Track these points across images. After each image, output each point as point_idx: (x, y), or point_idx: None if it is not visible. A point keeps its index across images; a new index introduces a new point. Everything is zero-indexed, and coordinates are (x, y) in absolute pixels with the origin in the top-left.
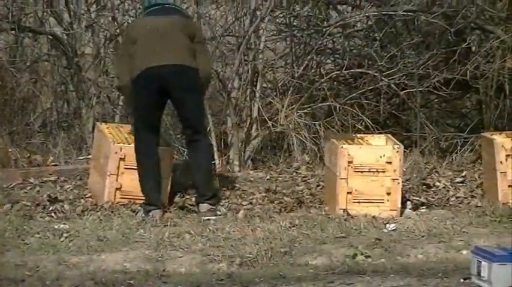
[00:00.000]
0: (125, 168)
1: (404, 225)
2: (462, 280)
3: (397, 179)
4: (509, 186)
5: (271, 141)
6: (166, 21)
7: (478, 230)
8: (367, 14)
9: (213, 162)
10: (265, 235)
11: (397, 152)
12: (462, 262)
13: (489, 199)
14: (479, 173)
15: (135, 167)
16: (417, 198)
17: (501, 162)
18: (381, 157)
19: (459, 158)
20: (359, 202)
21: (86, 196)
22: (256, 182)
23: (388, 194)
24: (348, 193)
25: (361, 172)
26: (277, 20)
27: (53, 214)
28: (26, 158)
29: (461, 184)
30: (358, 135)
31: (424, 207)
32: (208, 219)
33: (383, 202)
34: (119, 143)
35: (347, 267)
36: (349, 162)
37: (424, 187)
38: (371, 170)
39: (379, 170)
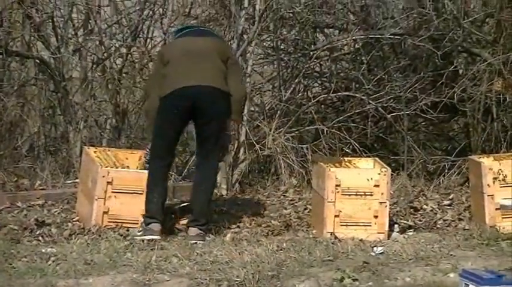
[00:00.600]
0: (113, 192)
1: (392, 248)
2: None
3: (385, 202)
4: (497, 209)
5: (259, 165)
6: (201, 42)
7: (466, 253)
8: (354, 38)
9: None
10: (253, 259)
11: (385, 175)
12: (450, 285)
13: (476, 222)
14: (467, 196)
15: (123, 191)
16: (404, 221)
17: (488, 185)
18: (368, 180)
19: (446, 181)
20: (346, 225)
21: (74, 220)
22: (244, 205)
23: (376, 217)
24: (336, 216)
25: (349, 195)
26: (265, 44)
27: (40, 238)
28: (14, 182)
29: (448, 207)
30: (346, 158)
31: (411, 230)
32: (196, 243)
33: (370, 225)
34: (106, 167)
35: None
36: (337, 185)
37: (411, 210)
38: (358, 193)
39: (367, 193)
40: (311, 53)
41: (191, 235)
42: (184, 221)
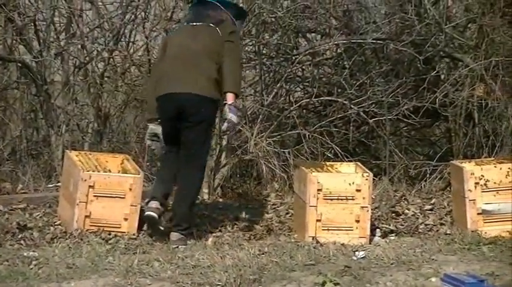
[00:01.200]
0: (94, 195)
1: (374, 252)
2: None
3: (366, 207)
4: (478, 214)
5: (241, 169)
6: (197, 39)
7: (447, 257)
8: (336, 42)
9: (198, 197)
10: (235, 263)
11: (366, 179)
12: None
13: (458, 227)
14: (449, 200)
15: (105, 195)
16: (386, 225)
17: (470, 190)
18: (350, 184)
19: (428, 186)
20: (328, 230)
21: (55, 224)
22: (226, 209)
23: (357, 221)
24: (317, 220)
25: (331, 199)
26: (247, 48)
27: (22, 242)
28: None
29: (430, 212)
30: (328, 163)
31: (393, 234)
32: (177, 247)
33: (352, 230)
34: (88, 171)
35: None
36: (319, 190)
37: (393, 214)
38: (340, 197)
39: (349, 197)
40: (293, 57)
41: (173, 239)
42: (166, 225)
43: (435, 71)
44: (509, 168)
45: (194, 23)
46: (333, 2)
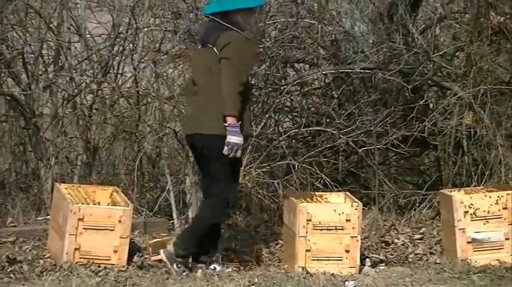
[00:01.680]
0: (84, 228)
1: (364, 282)
2: None
3: (356, 237)
4: (468, 242)
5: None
6: (199, 74)
7: (437, 286)
8: (324, 72)
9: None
10: None
11: (356, 209)
12: None
13: (448, 256)
14: (438, 229)
15: (94, 227)
16: (376, 255)
17: (459, 219)
18: (339, 214)
19: (418, 215)
20: (318, 260)
21: (45, 257)
22: None
23: (347, 251)
24: (307, 250)
25: (320, 229)
26: None
27: (11, 275)
28: None
29: (420, 241)
30: (317, 193)
31: (383, 264)
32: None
33: (342, 260)
34: (77, 204)
35: None
36: (308, 220)
37: (382, 244)
38: (330, 227)
39: (338, 227)
40: (282, 87)
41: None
42: (155, 257)
43: (423, 100)
44: (498, 196)
45: (199, 47)
46: (321, 32)
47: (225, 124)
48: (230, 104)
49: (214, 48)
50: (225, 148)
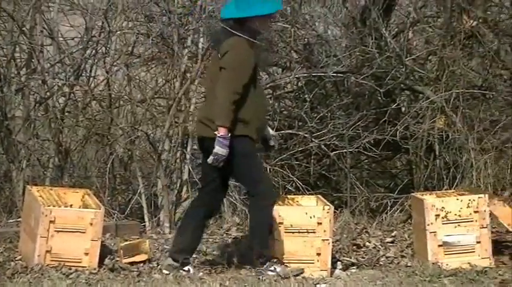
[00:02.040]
0: (55, 230)
1: (335, 285)
2: None
3: (328, 240)
4: (439, 246)
5: None
6: (209, 76)
7: None
8: (297, 76)
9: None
10: None
11: (328, 212)
12: None
13: (419, 259)
14: (409, 233)
15: (65, 230)
16: (347, 258)
17: (431, 222)
18: (311, 217)
19: (389, 218)
20: (289, 263)
21: (16, 259)
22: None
23: (319, 254)
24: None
25: (292, 232)
26: None
27: None
28: None
29: (391, 244)
30: (289, 196)
31: (354, 267)
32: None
33: (313, 263)
34: (49, 206)
35: None
36: (280, 223)
37: (354, 247)
38: (301, 231)
39: (310, 230)
40: None
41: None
42: (127, 260)
43: (396, 104)
44: (469, 200)
45: (213, 50)
46: (294, 36)
47: (215, 132)
48: (222, 115)
49: (219, 55)
50: (211, 157)
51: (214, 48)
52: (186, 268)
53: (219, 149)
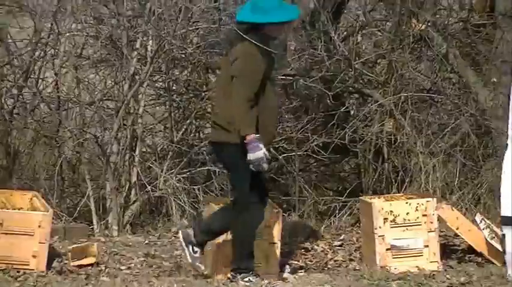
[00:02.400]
0: (3, 233)
1: None
2: None
3: (276, 243)
4: (387, 249)
5: (150, 206)
6: (218, 81)
7: None
8: None
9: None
10: None
11: (276, 215)
12: None
13: (367, 263)
14: (358, 236)
15: (13, 232)
16: (295, 262)
17: (379, 226)
18: None
19: (338, 222)
20: None
21: None
22: (135, 246)
23: (267, 257)
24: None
25: None
26: (157, 85)
27: None
28: None
29: (339, 248)
30: None
31: (302, 271)
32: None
33: (261, 266)
34: None
35: None
36: None
37: (302, 250)
38: None
39: (258, 233)
40: (203, 93)
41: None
42: (75, 263)
43: (345, 107)
44: (418, 204)
45: (225, 55)
46: None
47: (245, 141)
48: (242, 124)
49: (230, 58)
50: (250, 165)
51: (226, 51)
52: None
53: (253, 155)
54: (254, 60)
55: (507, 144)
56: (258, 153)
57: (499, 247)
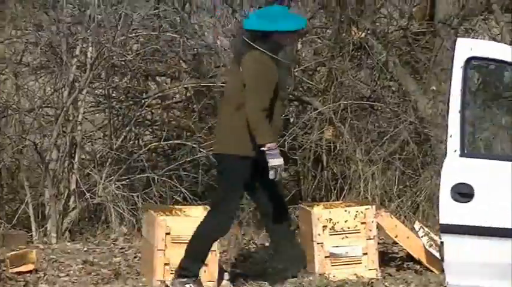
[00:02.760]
0: None
1: None
2: None
3: (215, 251)
4: (326, 257)
5: (89, 213)
6: (226, 90)
7: None
8: (185, 86)
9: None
10: None
11: None
12: None
13: (306, 270)
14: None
15: None
16: (234, 269)
17: (319, 233)
18: None
19: None
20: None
21: None
22: (74, 253)
23: (206, 265)
24: (166, 264)
25: (179, 243)
26: (96, 92)
27: None
28: None
29: None
30: (176, 206)
31: (241, 278)
32: None
33: (200, 273)
34: None
35: None
36: (167, 233)
37: (241, 257)
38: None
39: None
40: (142, 101)
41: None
42: (14, 270)
43: (284, 115)
44: (357, 211)
45: (231, 64)
46: (183, 46)
47: (263, 149)
48: (259, 134)
49: (240, 68)
50: (270, 172)
51: (234, 59)
52: None
53: (272, 161)
54: (266, 69)
55: (446, 152)
56: (279, 159)
57: (437, 255)
